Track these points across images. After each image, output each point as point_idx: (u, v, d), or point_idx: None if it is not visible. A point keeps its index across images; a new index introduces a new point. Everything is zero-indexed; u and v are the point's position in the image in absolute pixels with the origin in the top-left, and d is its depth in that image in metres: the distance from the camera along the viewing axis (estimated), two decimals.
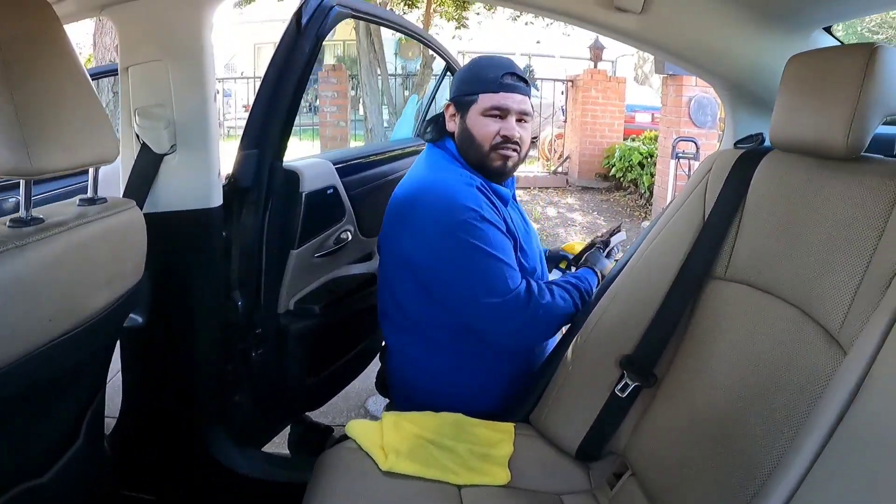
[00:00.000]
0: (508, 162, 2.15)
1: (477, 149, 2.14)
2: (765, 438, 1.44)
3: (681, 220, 1.91)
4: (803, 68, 1.59)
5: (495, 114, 2.12)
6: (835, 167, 1.52)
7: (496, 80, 2.12)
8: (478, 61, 2.23)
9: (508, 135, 2.12)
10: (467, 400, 2.14)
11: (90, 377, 1.66)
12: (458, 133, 2.18)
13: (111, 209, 1.49)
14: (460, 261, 2.00)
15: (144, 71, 1.89)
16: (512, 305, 1.99)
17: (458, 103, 2.18)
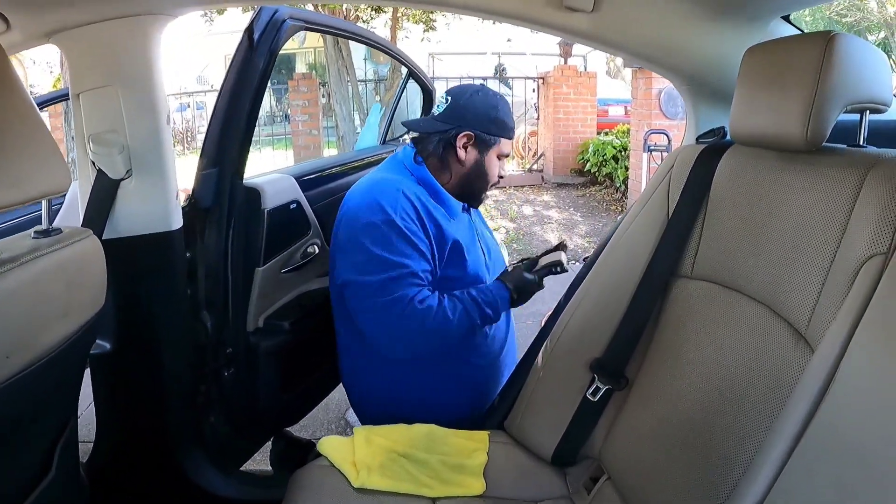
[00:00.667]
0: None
1: (484, 185, 2.35)
2: (736, 439, 1.42)
3: (645, 219, 1.89)
4: (760, 59, 1.57)
5: (503, 157, 2.35)
6: (796, 160, 1.51)
7: (512, 129, 2.33)
8: (502, 104, 2.33)
9: (504, 175, 2.40)
10: (431, 410, 2.13)
11: (58, 410, 1.62)
12: (472, 165, 2.28)
13: (65, 240, 1.45)
14: (358, 259, 2.06)
15: (95, 97, 1.86)
16: (391, 306, 2.01)
17: (482, 140, 2.27)
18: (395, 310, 2.00)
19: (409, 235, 2.04)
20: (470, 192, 2.31)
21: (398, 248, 2.02)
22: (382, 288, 2.01)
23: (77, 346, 1.54)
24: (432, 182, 2.22)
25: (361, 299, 2.06)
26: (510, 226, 8.90)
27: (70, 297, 1.48)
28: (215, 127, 2.09)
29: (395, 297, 2.00)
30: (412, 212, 2.07)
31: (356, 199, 2.14)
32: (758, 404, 1.41)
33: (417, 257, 2.05)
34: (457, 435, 1.97)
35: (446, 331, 2.07)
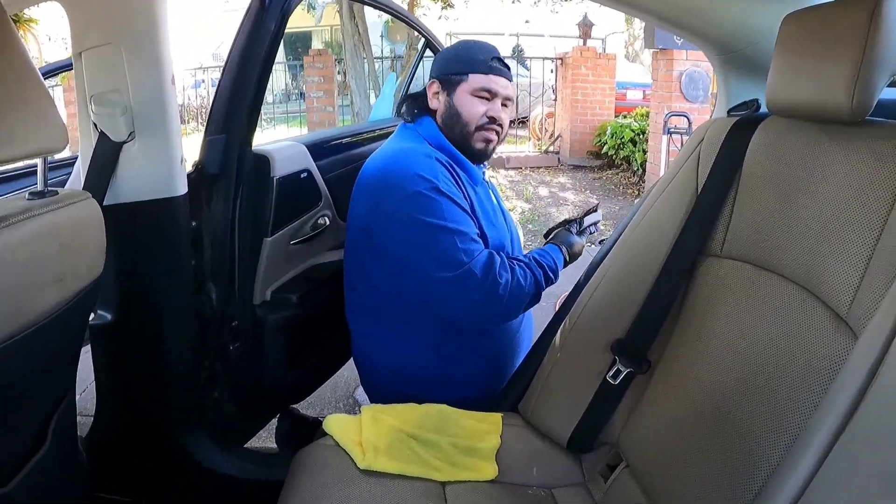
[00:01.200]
0: (490, 144, 2.19)
1: (463, 127, 2.17)
2: (769, 429, 1.35)
3: (672, 195, 1.81)
4: (801, 27, 1.47)
5: (484, 95, 2.16)
6: (838, 132, 1.42)
7: (486, 62, 2.16)
8: (465, 43, 2.24)
9: (495, 115, 2.17)
10: (444, 388, 2.10)
11: (53, 381, 1.57)
12: (443, 110, 2.19)
13: (60, 202, 1.40)
14: (411, 232, 1.97)
15: (97, 56, 1.78)
16: (466, 281, 1.94)
17: (445, 81, 2.18)
18: (471, 283, 1.94)
19: (456, 200, 1.98)
20: (458, 141, 2.18)
21: (451, 213, 1.96)
22: (447, 261, 1.94)
23: (73, 315, 1.49)
24: (448, 146, 2.16)
25: (427, 275, 1.98)
26: (525, 206, 8.83)
27: (64, 261, 1.42)
28: (224, 91, 2.02)
29: (465, 270, 1.93)
30: (448, 175, 2.02)
31: (381, 175, 2.06)
32: (794, 391, 1.32)
33: (469, 221, 2.00)
34: (469, 416, 1.90)
35: (520, 298, 2.03)
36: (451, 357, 2.17)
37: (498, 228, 2.17)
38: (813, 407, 1.26)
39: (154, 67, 1.82)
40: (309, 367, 2.55)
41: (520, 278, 2.00)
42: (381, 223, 2.04)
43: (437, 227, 1.93)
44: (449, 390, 2.06)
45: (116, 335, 1.97)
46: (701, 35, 1.97)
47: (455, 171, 2.06)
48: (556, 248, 2.21)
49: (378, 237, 2.06)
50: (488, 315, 2.03)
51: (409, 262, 2.00)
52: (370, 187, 2.08)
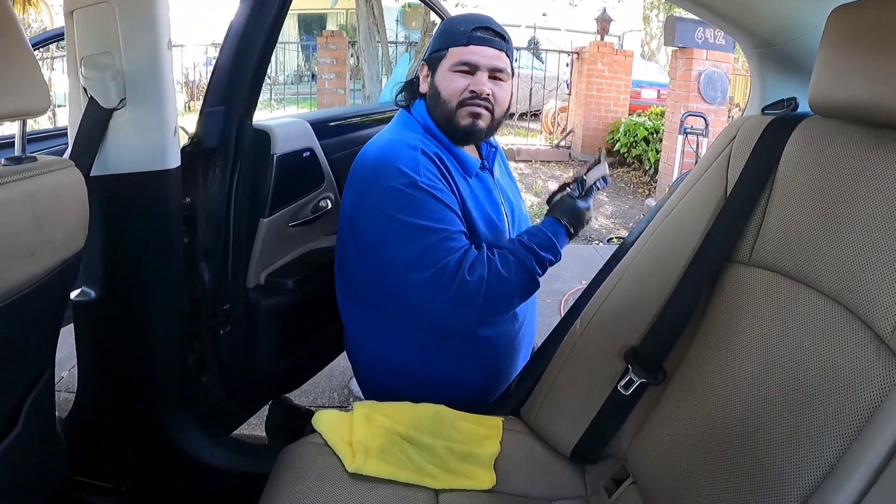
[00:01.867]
0: (479, 121, 2.01)
1: (443, 105, 2.01)
2: (797, 458, 1.25)
3: (698, 195, 1.70)
4: (851, 21, 1.35)
5: (464, 69, 1.99)
6: (888, 137, 1.30)
7: (465, 34, 1.99)
8: (452, 17, 2.13)
9: (477, 90, 1.99)
10: (436, 387, 2.01)
11: (27, 359, 1.49)
12: (428, 92, 2.06)
13: (37, 169, 1.31)
14: (385, 229, 1.88)
15: (89, 14, 1.68)
16: (436, 281, 1.82)
17: (430, 61, 2.07)
18: (441, 284, 1.82)
19: (436, 195, 1.86)
20: (443, 124, 2.03)
21: (428, 211, 1.84)
22: (420, 261, 1.83)
23: (48, 290, 1.41)
24: (438, 133, 2.03)
25: (400, 275, 1.88)
26: (535, 200, 8.76)
27: (38, 234, 1.34)
28: (225, 61, 1.93)
29: (436, 269, 1.82)
30: (434, 169, 1.90)
31: (368, 164, 1.96)
32: (827, 418, 1.23)
33: (451, 218, 1.87)
34: (467, 419, 1.81)
35: (504, 291, 1.87)
36: (441, 356, 2.08)
37: (495, 222, 2.06)
38: (848, 437, 1.17)
39: (149, 29, 1.71)
40: (303, 356, 2.47)
41: (500, 269, 1.85)
42: (361, 215, 1.96)
43: (410, 224, 1.83)
44: (441, 390, 1.96)
45: (101, 313, 1.88)
46: (741, 26, 1.86)
47: (444, 162, 1.95)
48: (554, 220, 2.00)
49: (358, 229, 1.99)
50: (465, 316, 1.89)
51: (384, 258, 1.91)
52: (357, 176, 1.99)
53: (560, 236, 1.97)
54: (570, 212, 2.01)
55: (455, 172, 1.97)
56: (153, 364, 1.98)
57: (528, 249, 1.90)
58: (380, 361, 2.16)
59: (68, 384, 3.24)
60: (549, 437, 1.81)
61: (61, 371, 3.36)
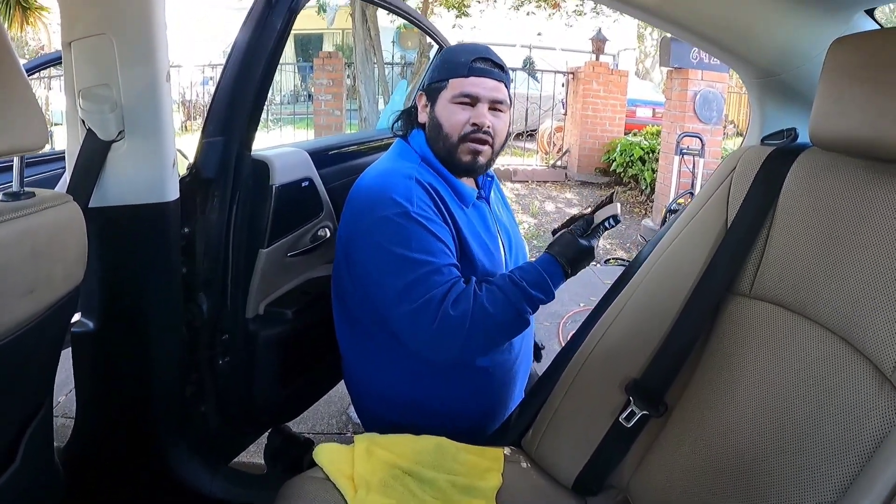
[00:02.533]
0: (479, 157, 2.02)
1: (445, 139, 2.01)
2: (798, 491, 1.25)
3: (699, 226, 1.70)
4: (852, 53, 1.36)
5: (465, 101, 1.99)
6: (890, 171, 1.31)
7: (466, 65, 1.99)
8: (451, 47, 2.11)
9: (479, 122, 1.98)
10: (435, 417, 2.00)
11: (25, 394, 1.47)
12: (428, 123, 2.05)
13: (35, 206, 1.30)
14: (376, 259, 1.89)
15: (87, 46, 1.68)
16: (420, 314, 1.81)
17: (429, 91, 2.06)
18: (426, 317, 1.81)
19: (427, 226, 1.85)
20: (444, 156, 2.03)
21: (418, 242, 1.83)
22: (407, 293, 1.82)
23: (47, 327, 1.39)
24: (438, 165, 2.03)
25: (389, 306, 1.88)
26: (531, 221, 8.76)
27: (38, 271, 1.32)
28: (224, 91, 1.92)
29: (422, 301, 1.80)
30: (427, 199, 1.89)
31: (363, 194, 1.96)
32: (829, 453, 1.23)
33: (440, 250, 1.86)
34: (468, 451, 1.79)
35: (488, 327, 1.84)
36: (438, 385, 2.07)
37: (492, 252, 2.05)
38: (851, 472, 1.18)
39: (147, 62, 1.71)
40: (302, 385, 2.45)
41: (485, 305, 1.82)
42: (355, 245, 1.96)
43: (398, 256, 1.83)
44: (439, 420, 1.97)
45: (99, 343, 1.87)
46: (740, 57, 1.86)
47: (438, 192, 1.94)
48: (551, 259, 1.93)
49: (352, 259, 1.99)
50: (448, 349, 1.87)
51: (374, 288, 1.92)
52: (352, 206, 1.99)
53: (555, 276, 1.91)
54: (571, 251, 1.94)
55: (451, 202, 1.96)
56: (152, 394, 1.96)
57: (518, 287, 1.86)
58: (377, 390, 2.15)
59: (66, 409, 3.21)
60: (550, 468, 1.79)
61: (59, 395, 3.33)
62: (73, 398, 1.94)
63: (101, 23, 1.65)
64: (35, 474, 1.55)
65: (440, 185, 1.97)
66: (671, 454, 1.60)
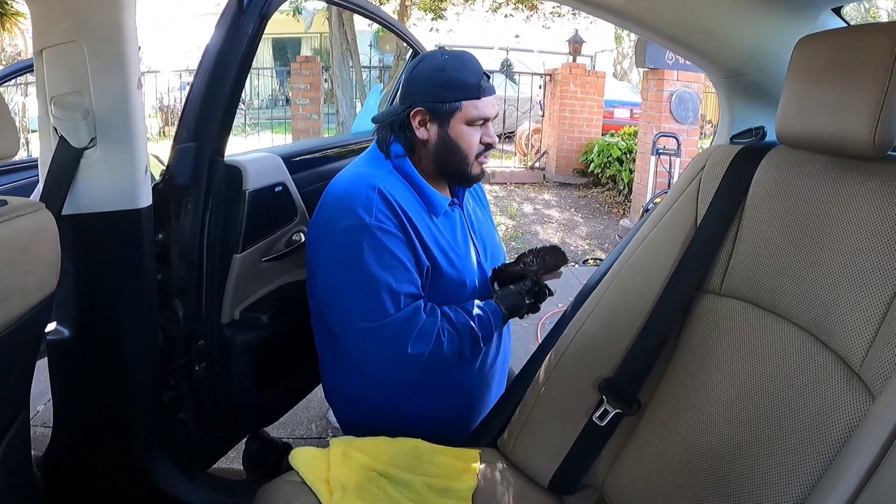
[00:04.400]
0: (485, 168, 2.07)
1: (463, 159, 2.01)
2: (770, 485, 1.27)
3: (669, 225, 1.71)
4: (817, 52, 1.37)
5: (480, 123, 2.00)
6: (856, 167, 1.33)
7: (476, 86, 1.98)
8: (452, 62, 2.01)
9: (492, 142, 2.04)
10: (411, 422, 1.99)
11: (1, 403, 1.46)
12: (437, 143, 2.01)
13: (6, 215, 1.30)
14: (334, 269, 1.90)
15: (59, 53, 1.68)
16: (377, 337, 1.84)
17: (435, 111, 1.98)
18: (380, 341, 1.85)
19: (382, 240, 1.85)
20: (451, 172, 2.05)
21: (374, 256, 1.84)
22: (361, 308, 1.84)
23: (21, 335, 1.39)
24: (412, 173, 2.01)
25: (342, 316, 1.91)
26: (509, 223, 8.76)
27: (10, 279, 1.32)
28: (196, 97, 1.91)
29: (379, 325, 1.83)
30: (388, 211, 1.88)
31: (329, 201, 1.96)
32: (800, 446, 1.24)
33: (396, 265, 1.86)
34: (444, 453, 1.79)
35: (439, 360, 1.89)
36: (412, 391, 2.07)
37: (461, 263, 2.04)
38: (821, 465, 1.19)
39: (119, 69, 1.71)
40: (279, 390, 2.44)
41: (444, 350, 1.89)
42: (316, 251, 1.97)
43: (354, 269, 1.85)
44: (415, 425, 1.94)
45: (75, 351, 1.87)
46: (707, 56, 1.86)
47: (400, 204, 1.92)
48: (497, 309, 2.04)
49: (315, 264, 1.99)
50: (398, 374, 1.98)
51: (331, 296, 1.93)
52: (318, 211, 1.99)
53: (497, 324, 2.03)
54: (514, 306, 2.07)
55: (417, 213, 1.95)
56: (129, 401, 1.95)
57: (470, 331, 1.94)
58: (352, 395, 2.15)
59: (44, 419, 3.19)
60: (526, 468, 1.80)
61: (36, 405, 3.31)
62: (51, 408, 1.93)
63: (73, 30, 1.66)
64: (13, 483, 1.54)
65: (409, 196, 1.96)
66: (645, 452, 1.61)
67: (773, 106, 1.52)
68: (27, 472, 1.67)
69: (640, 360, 1.65)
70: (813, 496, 1.13)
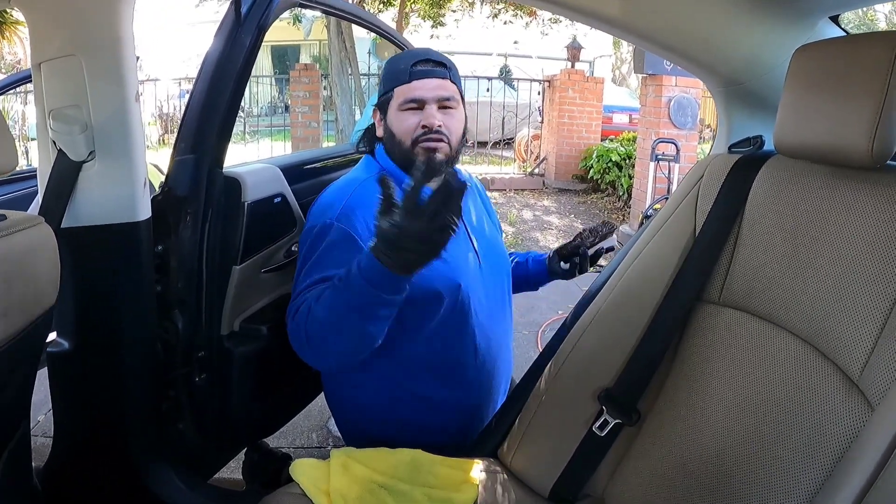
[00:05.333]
0: (437, 154, 1.93)
1: (399, 146, 1.97)
2: (771, 495, 1.27)
3: (668, 235, 1.71)
4: (814, 61, 1.38)
5: (412, 106, 1.95)
6: (854, 177, 1.33)
7: (406, 71, 1.96)
8: (392, 58, 2.07)
9: (428, 124, 1.93)
10: (412, 431, 1.97)
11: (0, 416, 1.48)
12: (384, 135, 2.04)
13: (5, 229, 1.30)
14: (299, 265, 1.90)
15: (57, 67, 1.68)
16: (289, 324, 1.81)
17: (380, 105, 2.04)
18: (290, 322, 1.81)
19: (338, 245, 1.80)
20: (403, 163, 1.97)
21: (325, 259, 1.80)
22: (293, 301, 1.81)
23: (21, 349, 1.40)
24: (397, 173, 1.96)
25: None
26: (509, 230, 8.76)
27: (10, 294, 1.33)
28: (195, 108, 1.91)
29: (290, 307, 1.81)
30: (359, 211, 1.84)
31: (313, 209, 1.98)
32: (799, 457, 1.25)
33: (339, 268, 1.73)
34: (444, 463, 1.78)
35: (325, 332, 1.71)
36: (411, 398, 2.04)
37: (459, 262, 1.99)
38: (821, 476, 1.19)
39: (117, 82, 1.72)
40: (279, 400, 2.44)
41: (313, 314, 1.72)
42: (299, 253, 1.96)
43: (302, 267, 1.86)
44: (415, 434, 1.94)
45: (75, 363, 1.87)
46: (704, 66, 1.87)
47: None
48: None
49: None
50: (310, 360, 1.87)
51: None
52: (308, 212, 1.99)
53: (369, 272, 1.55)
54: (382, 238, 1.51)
55: None
56: (128, 412, 1.95)
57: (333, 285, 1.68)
58: (353, 403, 2.13)
59: (44, 429, 3.19)
60: (526, 478, 1.79)
61: (37, 415, 3.32)
62: (51, 418, 1.93)
63: (71, 44, 1.66)
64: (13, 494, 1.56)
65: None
66: (645, 462, 1.61)
67: (771, 115, 1.52)
68: (28, 482, 1.68)
69: (640, 370, 1.65)
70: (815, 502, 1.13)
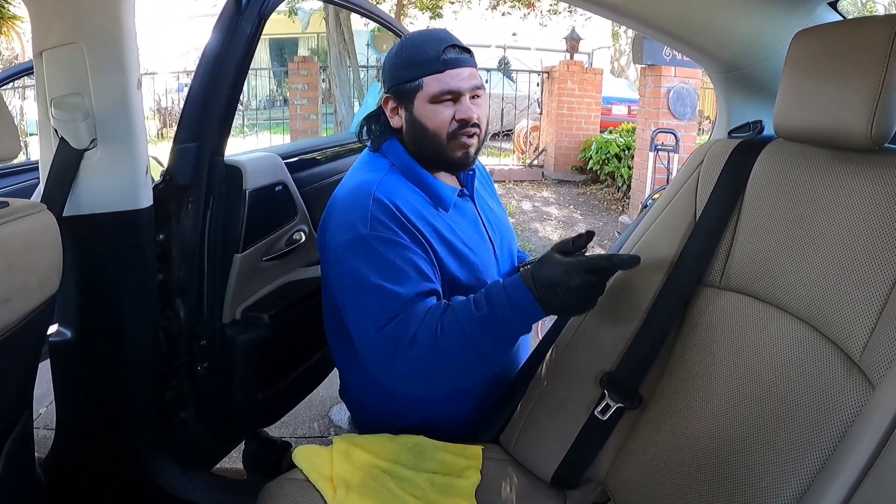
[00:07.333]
0: (470, 150, 1.88)
1: (433, 141, 1.85)
2: (774, 476, 1.27)
3: (668, 220, 1.72)
4: (813, 45, 1.38)
5: (447, 98, 1.83)
6: (853, 160, 1.33)
7: (438, 58, 1.82)
8: (410, 40, 1.92)
9: (466, 117, 1.83)
10: (427, 414, 1.94)
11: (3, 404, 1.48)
12: (406, 127, 1.90)
13: (7, 216, 1.30)
14: (340, 280, 1.78)
15: (58, 55, 1.68)
16: (381, 342, 1.66)
17: (400, 93, 1.88)
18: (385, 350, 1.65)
19: (381, 252, 1.72)
20: (431, 158, 1.88)
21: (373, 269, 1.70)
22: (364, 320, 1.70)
23: (24, 336, 1.40)
24: (412, 166, 1.90)
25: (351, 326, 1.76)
26: None
27: (12, 281, 1.33)
28: (195, 97, 1.91)
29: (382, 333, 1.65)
30: (386, 218, 1.75)
31: (333, 212, 1.84)
32: (802, 437, 1.25)
33: (398, 272, 1.71)
34: (447, 449, 1.79)
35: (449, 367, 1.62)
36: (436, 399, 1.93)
37: (476, 253, 1.92)
38: (823, 456, 1.20)
39: (118, 70, 1.72)
40: (281, 389, 2.43)
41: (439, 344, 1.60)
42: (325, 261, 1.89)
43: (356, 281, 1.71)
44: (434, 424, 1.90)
45: (77, 352, 1.87)
46: (704, 52, 1.87)
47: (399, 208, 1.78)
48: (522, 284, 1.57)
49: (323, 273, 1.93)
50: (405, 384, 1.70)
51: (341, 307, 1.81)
52: (324, 221, 1.89)
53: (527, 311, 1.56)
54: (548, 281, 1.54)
55: (421, 213, 1.83)
56: (131, 401, 1.96)
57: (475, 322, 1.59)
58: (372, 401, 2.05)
59: (46, 421, 3.20)
60: (528, 463, 1.79)
61: (39, 407, 3.32)
62: (53, 411, 1.93)
63: (72, 32, 1.66)
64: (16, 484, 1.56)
65: (411, 194, 1.85)
66: (647, 446, 1.61)
67: (770, 100, 1.52)
68: (31, 474, 1.68)
69: (641, 354, 1.65)
70: (815, 485, 1.14)
